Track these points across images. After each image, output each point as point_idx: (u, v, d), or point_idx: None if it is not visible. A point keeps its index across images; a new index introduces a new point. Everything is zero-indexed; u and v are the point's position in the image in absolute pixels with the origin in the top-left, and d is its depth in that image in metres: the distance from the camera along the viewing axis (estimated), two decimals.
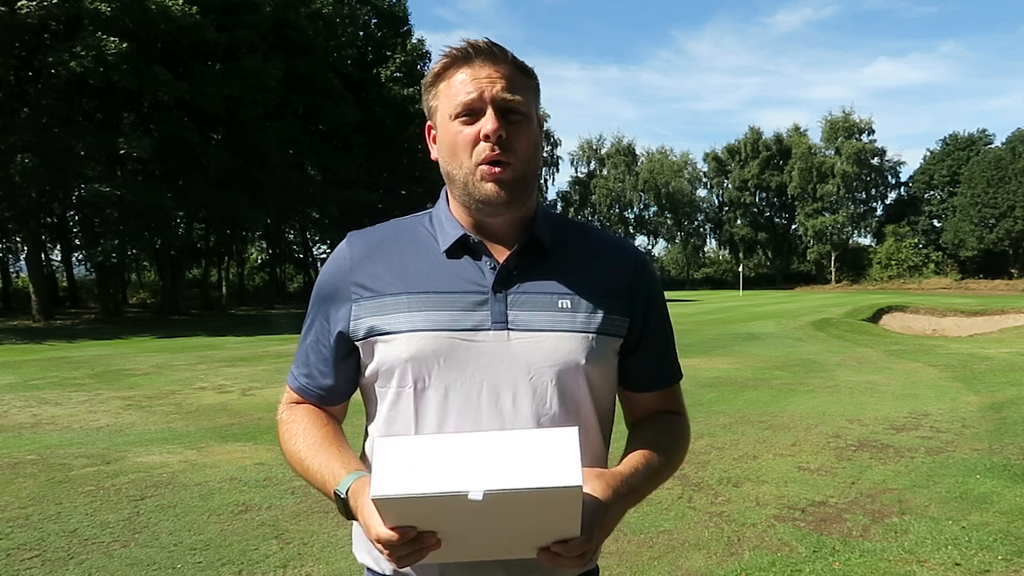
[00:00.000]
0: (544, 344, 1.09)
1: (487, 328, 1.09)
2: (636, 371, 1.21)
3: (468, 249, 1.13)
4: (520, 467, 0.87)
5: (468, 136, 1.07)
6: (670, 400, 1.26)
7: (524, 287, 1.11)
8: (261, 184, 27.09)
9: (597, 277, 1.15)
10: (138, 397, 8.83)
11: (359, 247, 1.18)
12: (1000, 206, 51.15)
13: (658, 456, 1.14)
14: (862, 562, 3.53)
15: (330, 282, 1.17)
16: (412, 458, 0.89)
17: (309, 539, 3.85)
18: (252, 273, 46.71)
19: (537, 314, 1.10)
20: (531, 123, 1.10)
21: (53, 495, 4.69)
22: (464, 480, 0.87)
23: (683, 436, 1.24)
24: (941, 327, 25.35)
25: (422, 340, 1.08)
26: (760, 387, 8.98)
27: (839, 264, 62.07)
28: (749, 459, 5.46)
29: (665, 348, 1.24)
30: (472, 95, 1.06)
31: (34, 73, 23.06)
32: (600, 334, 1.12)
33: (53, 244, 34.44)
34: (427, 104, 1.14)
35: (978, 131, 59.72)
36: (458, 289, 1.11)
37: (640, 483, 1.09)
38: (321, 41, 28.69)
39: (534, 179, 1.13)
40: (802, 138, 64.40)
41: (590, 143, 69.07)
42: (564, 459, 0.88)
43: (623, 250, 1.21)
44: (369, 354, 1.14)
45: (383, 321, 1.11)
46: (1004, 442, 5.88)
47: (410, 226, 1.20)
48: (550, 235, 1.15)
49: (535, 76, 1.14)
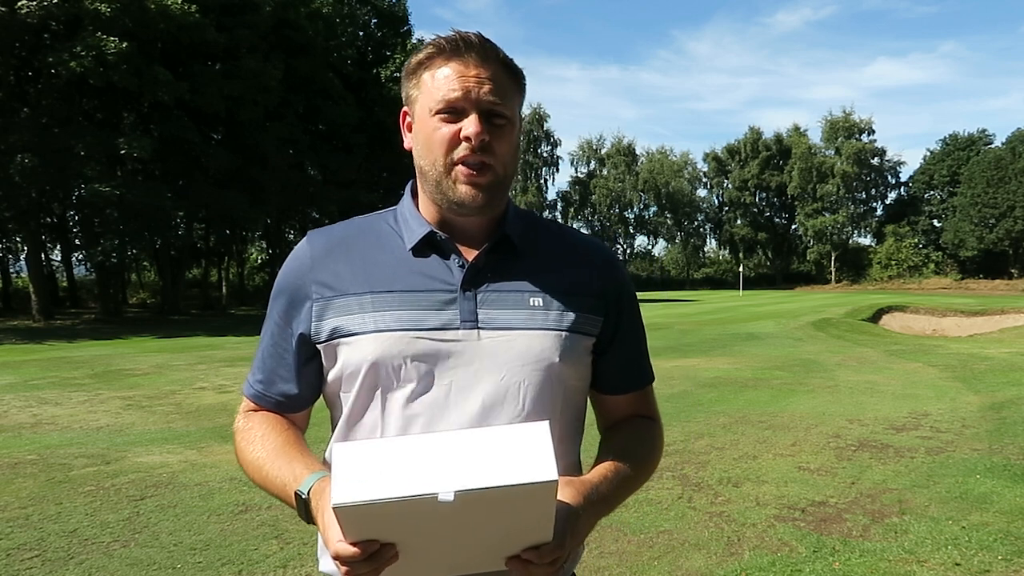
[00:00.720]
0: (516, 343, 1.05)
1: (456, 327, 1.05)
2: (608, 372, 1.18)
3: (435, 247, 1.09)
4: (491, 464, 0.83)
5: (446, 134, 1.03)
6: (643, 403, 1.23)
7: (494, 285, 1.08)
8: (261, 184, 27.08)
9: (568, 275, 1.12)
10: (138, 397, 8.83)
11: (320, 245, 1.13)
12: (1000, 206, 51.16)
13: (630, 464, 1.10)
14: (862, 562, 3.53)
15: (290, 281, 1.12)
16: (374, 462, 0.83)
17: (309, 539, 3.85)
18: (252, 273, 46.70)
19: (508, 312, 1.06)
20: (514, 127, 1.07)
21: (53, 495, 4.69)
22: (433, 481, 0.81)
23: (656, 443, 1.20)
24: (941, 327, 25.34)
25: (388, 340, 1.03)
26: (760, 387, 8.98)
27: (839, 264, 62.08)
28: (749, 459, 5.46)
29: (637, 349, 1.21)
30: (456, 94, 1.02)
31: (34, 73, 23.05)
32: (573, 332, 1.09)
33: (53, 244, 34.44)
34: (406, 91, 1.10)
35: (978, 131, 59.77)
36: (425, 288, 1.06)
37: (611, 491, 1.05)
38: (321, 41, 28.67)
39: (509, 185, 1.10)
40: (802, 138, 64.41)
41: (590, 143, 69.10)
42: (537, 453, 0.83)
43: (594, 248, 1.18)
44: (332, 357, 1.09)
45: (346, 321, 1.06)
46: (1004, 442, 5.88)
47: (373, 223, 1.16)
48: (521, 233, 1.12)
49: (522, 76, 1.10)
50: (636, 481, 1.13)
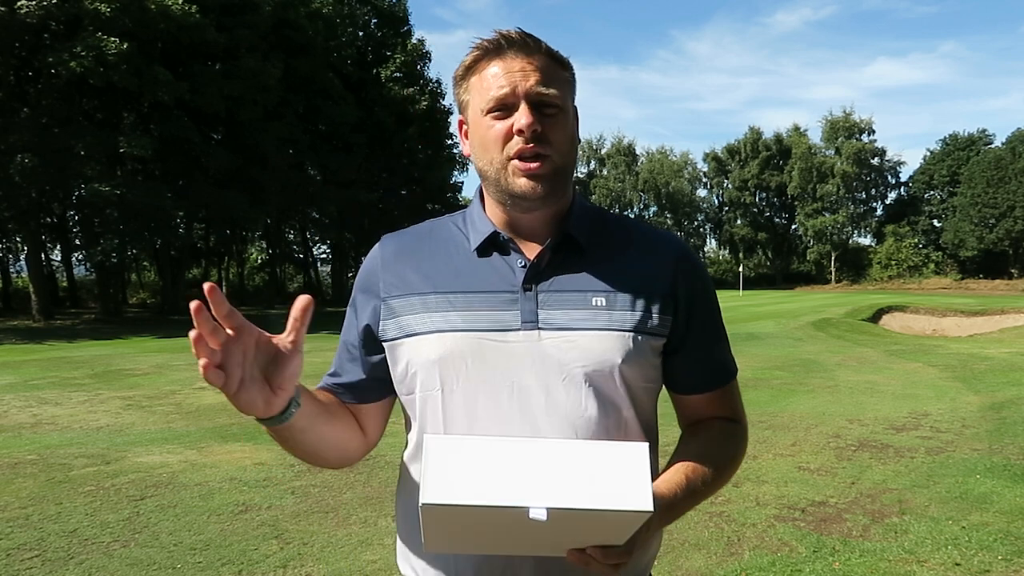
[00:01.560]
0: (577, 344, 1.04)
1: (516, 328, 1.04)
2: (682, 372, 1.14)
3: (498, 247, 1.09)
4: (587, 484, 0.80)
5: (500, 131, 1.03)
6: (724, 402, 1.18)
7: (556, 284, 1.06)
8: (261, 184, 27.06)
9: (635, 273, 1.08)
10: (138, 397, 8.83)
11: (391, 248, 1.16)
12: (1000, 206, 51.13)
13: (705, 470, 1.07)
14: (862, 562, 3.53)
15: (362, 284, 1.15)
16: (467, 461, 0.82)
17: (309, 539, 3.85)
18: (252, 273, 46.69)
19: (569, 312, 1.05)
20: (567, 115, 1.06)
21: (53, 495, 4.69)
22: (526, 494, 0.80)
23: (736, 447, 1.16)
24: (941, 327, 25.34)
25: (450, 341, 1.04)
26: (760, 387, 8.98)
27: (839, 264, 62.04)
28: (749, 459, 5.46)
29: (713, 347, 1.16)
30: (505, 90, 1.01)
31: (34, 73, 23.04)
32: (638, 333, 1.05)
33: (53, 244, 34.40)
34: (458, 98, 1.10)
35: (978, 131, 59.69)
36: (487, 288, 1.06)
37: (683, 498, 1.03)
38: (321, 41, 28.66)
39: (571, 173, 1.08)
40: (802, 138, 64.37)
41: (590, 143, 69.07)
42: (634, 479, 0.81)
43: (666, 243, 1.14)
44: (396, 356, 1.10)
45: (411, 321, 1.08)
46: (1004, 442, 5.88)
47: (443, 226, 1.16)
48: (587, 230, 1.10)
49: (571, 67, 1.09)
50: (711, 487, 1.09)
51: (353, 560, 3.57)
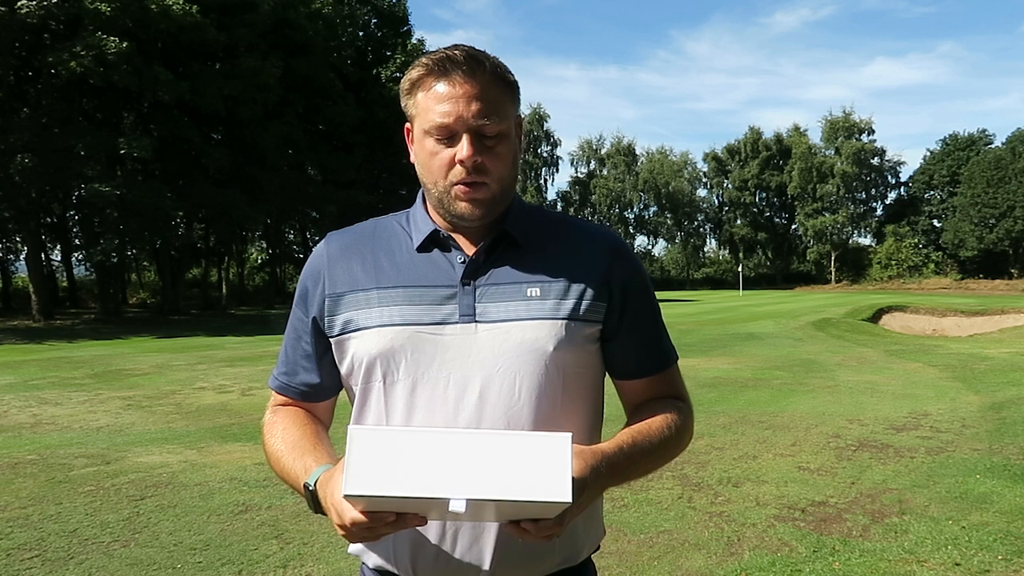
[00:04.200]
0: (511, 335, 1.08)
1: (454, 321, 1.09)
2: (621, 358, 1.18)
3: (439, 244, 1.14)
4: (507, 475, 0.82)
5: (444, 159, 1.07)
6: (666, 385, 1.21)
7: (493, 278, 1.11)
8: (261, 184, 27.09)
9: (568, 264, 1.13)
10: (138, 397, 8.83)
11: (336, 245, 1.20)
12: (1000, 206, 51.13)
13: (648, 437, 1.10)
14: (862, 562, 3.53)
15: (308, 279, 1.19)
16: (388, 453, 0.83)
17: (309, 539, 3.85)
18: (252, 273, 46.71)
19: (506, 304, 1.09)
20: (507, 139, 1.09)
21: (53, 495, 4.69)
22: (446, 485, 0.81)
23: (681, 420, 1.17)
24: (941, 327, 25.34)
25: (390, 334, 1.09)
26: (760, 387, 8.98)
27: (839, 264, 62.04)
28: (749, 459, 5.46)
29: (651, 333, 1.20)
30: (447, 120, 1.05)
31: (34, 73, 23.06)
32: (571, 320, 1.09)
33: (53, 244, 34.43)
34: (405, 107, 1.14)
35: (978, 131, 59.72)
36: (427, 283, 1.11)
37: (623, 462, 1.05)
38: (321, 41, 28.68)
39: (512, 190, 1.13)
40: (802, 138, 64.37)
41: (590, 143, 69.03)
42: (554, 470, 0.82)
43: (599, 237, 1.18)
44: (342, 350, 1.14)
45: (355, 316, 1.12)
46: (1004, 442, 5.88)
47: (387, 224, 1.21)
48: (523, 228, 1.15)
49: (515, 83, 1.12)
50: (655, 455, 1.12)
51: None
